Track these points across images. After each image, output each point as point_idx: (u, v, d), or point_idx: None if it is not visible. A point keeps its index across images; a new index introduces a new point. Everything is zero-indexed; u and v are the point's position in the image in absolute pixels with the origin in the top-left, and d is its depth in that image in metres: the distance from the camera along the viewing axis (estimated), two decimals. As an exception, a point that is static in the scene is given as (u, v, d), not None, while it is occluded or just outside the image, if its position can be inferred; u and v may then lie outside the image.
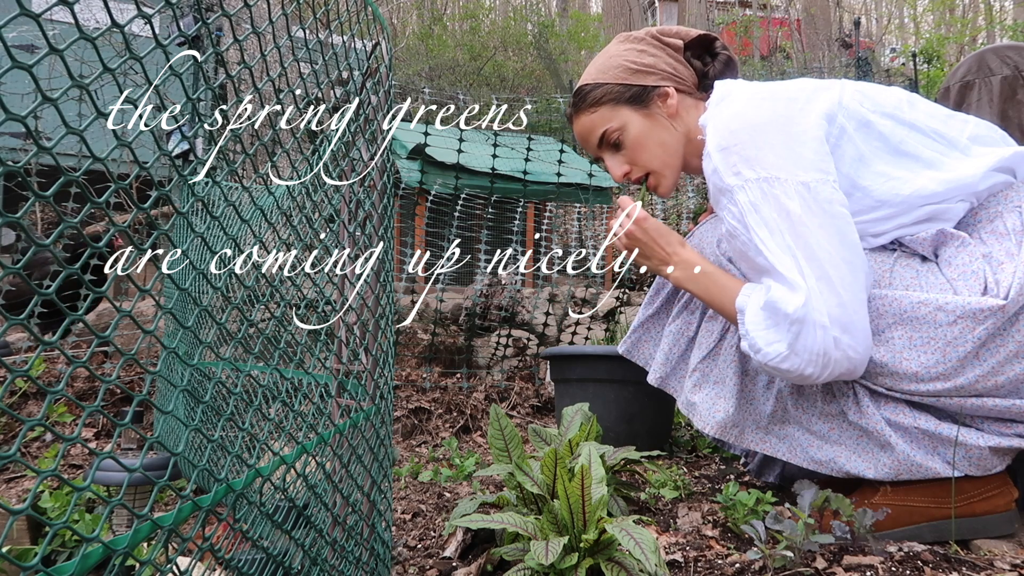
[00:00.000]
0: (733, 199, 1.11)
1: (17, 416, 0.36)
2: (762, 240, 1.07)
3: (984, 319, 1.03)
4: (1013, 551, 1.10)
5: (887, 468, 1.12)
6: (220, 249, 1.67)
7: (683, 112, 1.31)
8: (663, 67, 1.30)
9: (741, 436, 1.25)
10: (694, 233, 1.35)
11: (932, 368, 1.07)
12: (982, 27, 14.35)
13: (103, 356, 2.86)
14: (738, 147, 1.11)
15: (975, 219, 1.15)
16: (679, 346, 1.35)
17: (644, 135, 1.30)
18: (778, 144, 1.10)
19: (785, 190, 1.07)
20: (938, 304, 1.06)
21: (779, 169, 1.08)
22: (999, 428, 1.09)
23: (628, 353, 1.47)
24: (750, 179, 1.09)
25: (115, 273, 0.46)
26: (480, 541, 1.26)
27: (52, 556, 1.39)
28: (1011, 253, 1.08)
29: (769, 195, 1.07)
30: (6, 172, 0.36)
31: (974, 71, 1.87)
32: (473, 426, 2.54)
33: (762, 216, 1.07)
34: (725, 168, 1.12)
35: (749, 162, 1.10)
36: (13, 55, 0.38)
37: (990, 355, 1.04)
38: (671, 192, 1.37)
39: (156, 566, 0.49)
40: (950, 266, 1.11)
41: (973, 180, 1.11)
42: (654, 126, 1.30)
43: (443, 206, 3.68)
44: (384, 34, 1.02)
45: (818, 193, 1.07)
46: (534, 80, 10.53)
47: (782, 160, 1.09)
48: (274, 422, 0.72)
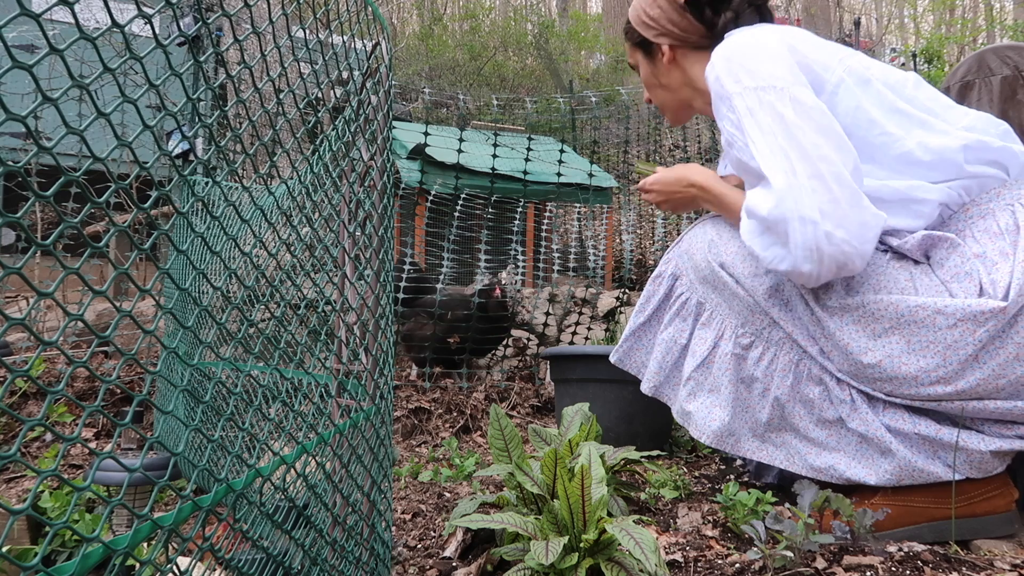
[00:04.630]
0: (731, 105, 1.15)
1: (17, 416, 0.36)
2: (754, 143, 1.11)
3: (985, 321, 1.03)
4: (1013, 551, 1.10)
5: (888, 474, 1.12)
6: (220, 249, 1.67)
7: (683, 63, 1.40)
8: (664, 23, 1.38)
9: (737, 444, 1.24)
10: (683, 238, 1.35)
11: (932, 372, 1.06)
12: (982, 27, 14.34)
13: (103, 356, 2.86)
14: (741, 58, 1.17)
15: (967, 215, 1.14)
16: (672, 354, 1.34)
17: (649, 76, 1.47)
18: (779, 60, 1.16)
19: (780, 97, 1.11)
20: (937, 307, 1.06)
21: (776, 79, 1.13)
22: (999, 430, 1.09)
23: (620, 362, 1.46)
24: (748, 87, 1.14)
25: (115, 273, 0.46)
26: (480, 541, 1.26)
27: (52, 556, 1.39)
28: (1005, 253, 1.07)
29: (764, 102, 1.12)
30: (6, 172, 0.36)
31: (974, 71, 1.87)
32: (473, 426, 2.54)
33: (757, 120, 1.11)
34: (727, 75, 1.17)
35: (750, 72, 1.15)
36: (13, 55, 0.38)
37: (990, 358, 1.04)
38: (677, 125, 1.55)
39: (156, 566, 0.49)
40: (942, 267, 1.11)
41: (956, 156, 1.13)
42: (656, 71, 1.44)
43: (443, 206, 3.68)
44: (384, 34, 1.02)
45: (809, 101, 1.12)
46: (534, 80, 10.52)
47: (780, 72, 1.14)
48: (274, 422, 0.72)
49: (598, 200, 5.29)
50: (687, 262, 1.32)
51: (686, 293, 1.32)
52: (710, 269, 1.25)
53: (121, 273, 0.45)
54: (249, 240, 1.73)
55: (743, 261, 1.22)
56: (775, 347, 1.20)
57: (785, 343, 1.19)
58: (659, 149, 6.62)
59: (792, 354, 1.18)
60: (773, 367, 1.20)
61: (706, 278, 1.27)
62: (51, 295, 0.39)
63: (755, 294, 1.20)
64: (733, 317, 1.23)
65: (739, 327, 1.23)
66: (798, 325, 1.18)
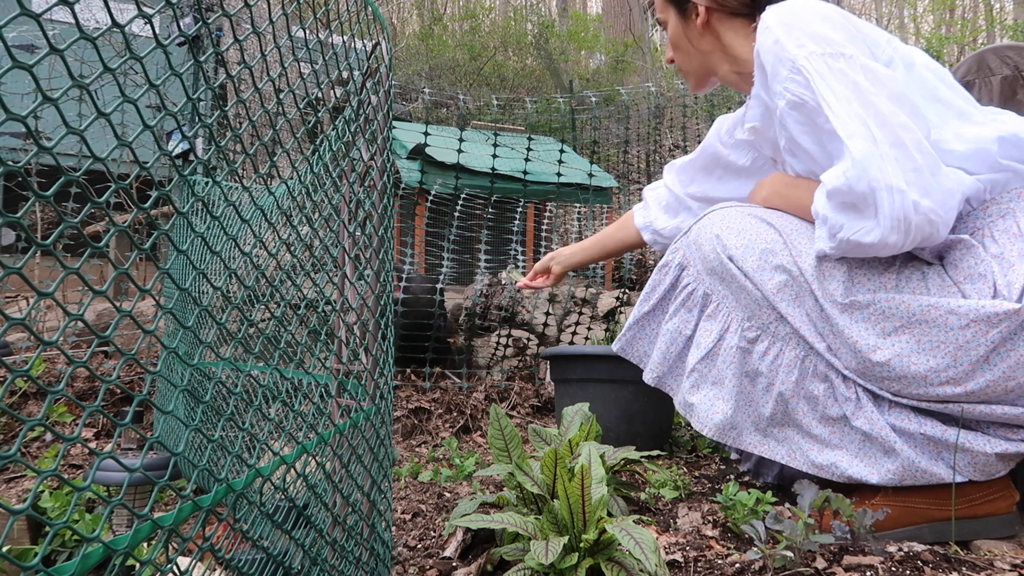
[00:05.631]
0: (796, 67, 1.11)
1: (17, 416, 0.36)
2: (829, 105, 1.07)
3: (998, 323, 1.02)
4: (1013, 551, 1.10)
5: (891, 474, 1.11)
6: (220, 249, 1.67)
7: (719, 28, 1.36)
8: None
9: (739, 438, 1.23)
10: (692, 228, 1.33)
11: (942, 372, 1.05)
12: (982, 28, 14.34)
13: (103, 356, 2.86)
14: (802, 23, 1.14)
15: (986, 212, 1.13)
16: (676, 345, 1.32)
17: (677, 37, 1.41)
18: (841, 28, 1.13)
19: (850, 65, 1.09)
20: (949, 308, 1.05)
21: (844, 47, 1.10)
22: (1005, 433, 1.08)
23: (623, 351, 1.43)
24: (815, 52, 1.10)
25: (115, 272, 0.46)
26: (480, 541, 1.26)
27: (52, 556, 1.39)
28: (1023, 255, 1.05)
29: (835, 69, 1.08)
30: (6, 172, 0.36)
31: (974, 71, 1.87)
32: (473, 426, 2.54)
33: (829, 85, 1.08)
34: (788, 39, 1.13)
35: (815, 37, 1.11)
36: (13, 55, 0.38)
37: (1001, 360, 1.03)
38: (697, 91, 1.50)
39: (156, 566, 0.49)
40: (956, 269, 1.09)
41: (991, 146, 1.11)
42: (686, 33, 1.39)
43: (443, 206, 3.68)
44: (384, 34, 1.02)
45: (879, 69, 1.09)
46: (534, 80, 10.52)
47: (847, 40, 1.11)
48: (274, 422, 0.72)
49: (598, 200, 5.29)
50: (695, 252, 1.29)
51: (692, 284, 1.30)
52: (719, 261, 1.24)
53: (121, 273, 0.45)
54: (249, 240, 1.73)
55: (752, 254, 1.21)
56: (781, 342, 1.19)
57: (791, 339, 1.18)
58: (659, 149, 6.62)
59: (798, 350, 1.18)
60: (778, 362, 1.19)
61: (714, 269, 1.25)
62: (51, 295, 0.39)
63: (763, 288, 1.19)
64: (740, 310, 1.23)
65: (745, 320, 1.22)
66: (806, 321, 1.17)
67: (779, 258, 1.18)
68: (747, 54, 1.32)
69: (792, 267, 1.17)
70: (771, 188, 1.29)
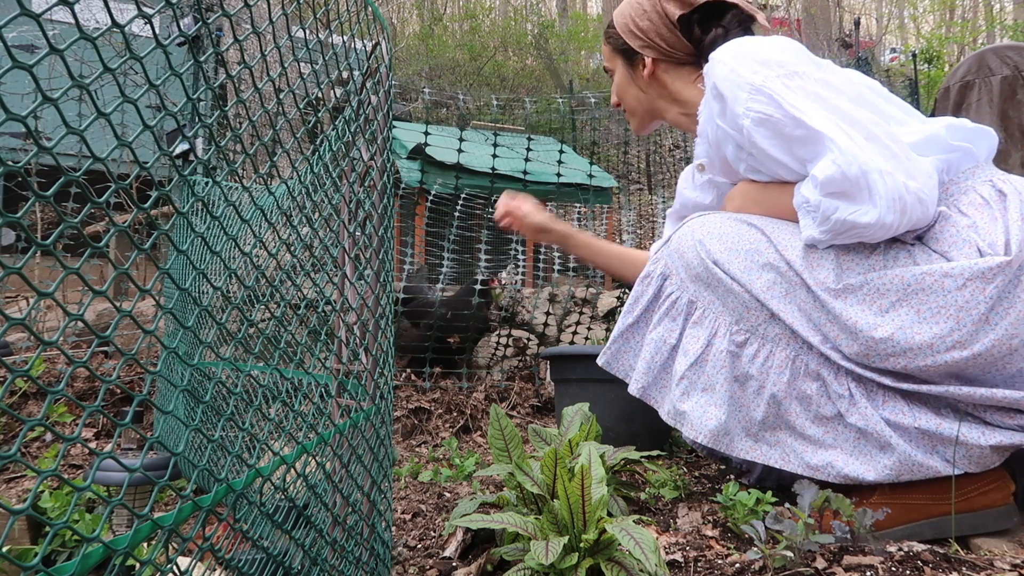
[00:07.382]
0: (755, 87, 1.15)
1: (17, 416, 0.36)
2: (801, 111, 1.11)
3: (993, 277, 1.03)
4: (1013, 551, 1.10)
5: (888, 470, 1.11)
6: (220, 249, 1.67)
7: (665, 77, 1.44)
8: (652, 36, 1.41)
9: (731, 444, 1.22)
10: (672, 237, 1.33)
11: (947, 337, 1.06)
12: (982, 28, 14.34)
13: (103, 356, 2.86)
14: (752, 54, 1.20)
15: (947, 194, 1.17)
16: (660, 355, 1.30)
17: (623, 84, 1.50)
18: (788, 51, 1.20)
19: (806, 80, 1.15)
20: (944, 271, 1.06)
21: (795, 66, 1.16)
22: (1002, 419, 1.08)
23: (608, 365, 1.40)
24: (769, 75, 1.15)
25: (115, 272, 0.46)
26: (480, 541, 1.26)
27: (52, 556, 1.39)
28: (995, 217, 1.09)
29: (792, 86, 1.14)
30: (6, 172, 0.36)
31: (974, 71, 1.87)
32: (473, 426, 2.54)
33: (794, 98, 1.13)
34: (742, 68, 1.18)
35: (766, 63, 1.17)
36: (13, 55, 0.38)
37: (1000, 318, 1.04)
38: (640, 132, 1.58)
39: (156, 566, 0.49)
40: (938, 241, 1.12)
41: (940, 132, 1.17)
42: (635, 80, 1.48)
43: (443, 206, 3.68)
44: (384, 34, 1.02)
45: (834, 79, 1.16)
46: (534, 80, 10.53)
47: (796, 60, 1.18)
48: (274, 422, 0.72)
49: (598, 200, 5.29)
50: (677, 261, 1.29)
51: (676, 292, 1.29)
52: (703, 267, 1.23)
53: (121, 273, 0.45)
54: (249, 240, 1.73)
55: (737, 256, 1.21)
56: (771, 343, 1.19)
57: (781, 339, 1.18)
58: (659, 149, 6.63)
59: (788, 350, 1.18)
60: (769, 364, 1.19)
61: (698, 276, 1.25)
62: (51, 295, 0.39)
63: (752, 289, 1.19)
64: (727, 314, 1.22)
65: (733, 324, 1.21)
66: (799, 316, 1.16)
67: (765, 256, 1.19)
68: (694, 97, 1.40)
69: (780, 263, 1.17)
70: (743, 197, 1.32)
